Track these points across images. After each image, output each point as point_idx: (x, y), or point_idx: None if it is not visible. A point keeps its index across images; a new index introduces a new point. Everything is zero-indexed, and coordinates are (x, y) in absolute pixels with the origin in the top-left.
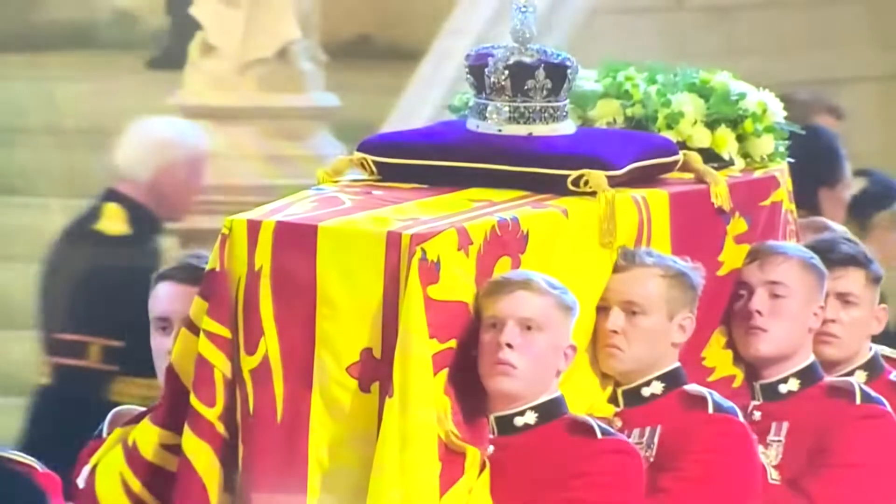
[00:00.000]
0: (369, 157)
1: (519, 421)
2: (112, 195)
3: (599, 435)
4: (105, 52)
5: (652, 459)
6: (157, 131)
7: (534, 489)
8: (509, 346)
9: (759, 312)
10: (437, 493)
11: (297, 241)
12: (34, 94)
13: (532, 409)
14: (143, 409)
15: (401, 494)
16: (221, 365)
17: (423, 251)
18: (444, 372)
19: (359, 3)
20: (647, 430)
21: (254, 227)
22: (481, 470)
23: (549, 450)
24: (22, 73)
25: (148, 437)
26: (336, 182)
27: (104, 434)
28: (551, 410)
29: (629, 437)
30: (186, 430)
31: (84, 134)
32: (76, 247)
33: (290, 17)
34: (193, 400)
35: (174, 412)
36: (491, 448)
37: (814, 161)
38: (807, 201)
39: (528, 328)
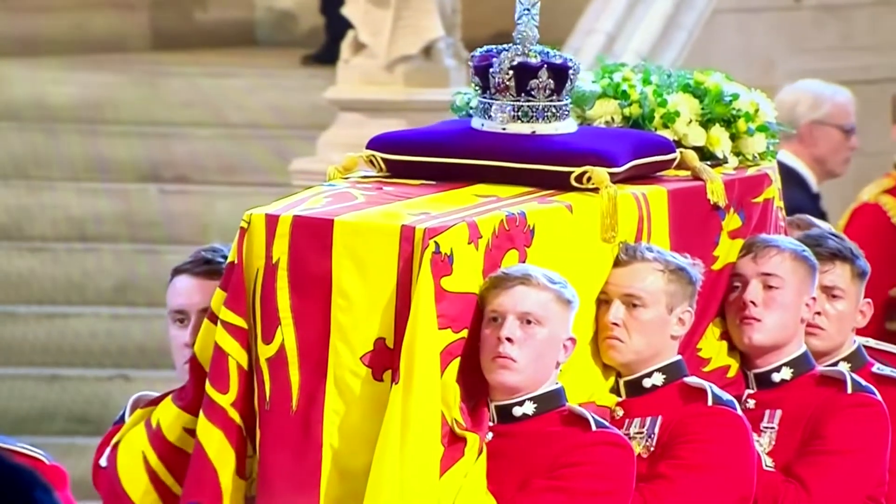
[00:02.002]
0: (378, 155)
1: (518, 411)
2: None
3: (594, 427)
4: (264, 49)
5: (652, 448)
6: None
7: (527, 476)
8: (509, 340)
9: (752, 303)
10: (437, 476)
11: (314, 234)
12: (199, 89)
13: (531, 399)
14: (162, 393)
15: (400, 477)
16: (236, 354)
17: (437, 244)
18: (457, 361)
19: (498, 3)
20: (648, 419)
21: (272, 221)
22: (479, 455)
23: (545, 439)
24: (188, 70)
25: (172, 419)
26: (346, 178)
27: (126, 418)
28: (550, 401)
29: (630, 426)
30: (201, 416)
31: (245, 127)
32: None
33: (435, 16)
34: (208, 387)
35: (199, 399)
36: (490, 435)
37: None
38: None
39: (528, 322)
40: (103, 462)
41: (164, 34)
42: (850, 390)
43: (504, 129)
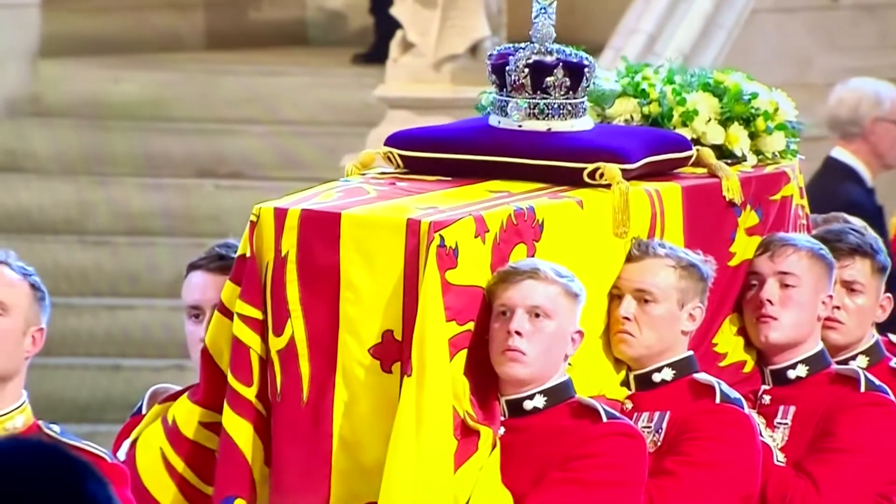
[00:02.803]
0: (395, 151)
1: (528, 404)
2: None
3: (605, 418)
4: (315, 48)
5: (659, 443)
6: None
7: (541, 469)
8: (518, 333)
9: (769, 301)
10: (451, 470)
11: (322, 228)
12: (252, 87)
13: (541, 392)
14: (180, 387)
15: (415, 471)
16: (256, 346)
17: (442, 237)
18: (463, 353)
19: None
20: (657, 414)
21: (280, 215)
22: (493, 449)
23: (556, 432)
24: (241, 69)
25: (187, 415)
26: (363, 174)
27: (143, 411)
28: (559, 394)
29: (639, 420)
30: (227, 409)
31: (297, 124)
32: None
33: (481, 16)
34: (232, 380)
35: (211, 392)
36: (502, 429)
37: None
38: None
39: (537, 315)
40: (121, 455)
41: (219, 34)
42: (863, 389)
43: (520, 126)
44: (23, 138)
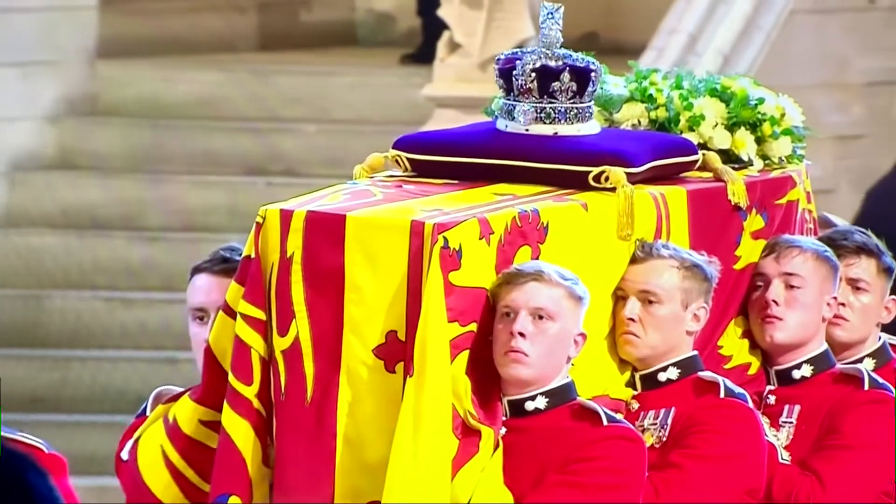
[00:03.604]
0: (403, 154)
1: (530, 405)
2: None
3: (605, 421)
4: (365, 49)
5: (664, 439)
6: None
7: (541, 471)
8: (521, 334)
9: (774, 302)
10: (449, 470)
11: (327, 229)
12: (304, 86)
13: (543, 394)
14: (183, 389)
15: (414, 470)
16: (258, 346)
17: (446, 239)
18: (466, 353)
19: (587, 4)
20: (662, 411)
21: (286, 217)
22: (494, 449)
23: (557, 433)
24: (293, 69)
25: (188, 413)
26: (371, 177)
27: (147, 412)
28: (561, 395)
29: (645, 418)
30: (226, 407)
31: (347, 122)
32: None
33: (526, 16)
34: (232, 379)
35: (212, 391)
36: (503, 430)
37: None
38: None
39: (540, 317)
40: (125, 455)
41: (271, 35)
42: (867, 387)
43: (527, 129)
44: (81, 137)
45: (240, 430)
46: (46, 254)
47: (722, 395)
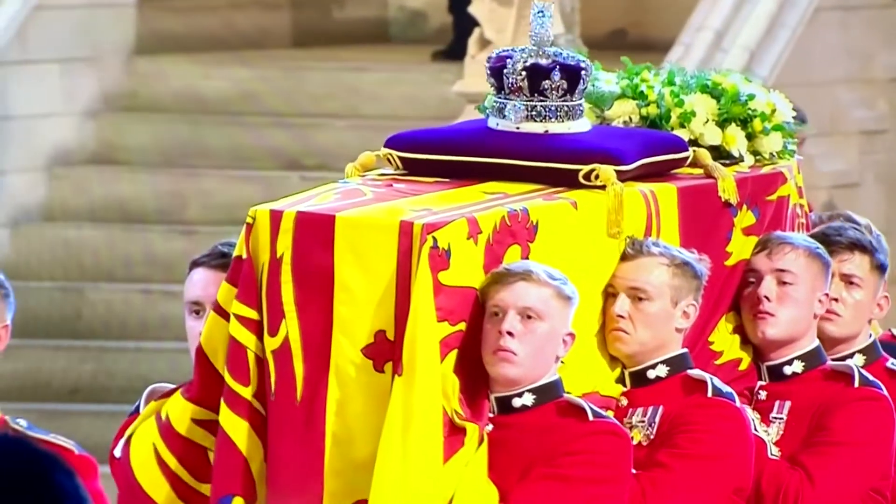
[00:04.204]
0: (395, 153)
1: (517, 402)
2: None
3: (591, 417)
4: (397, 45)
5: (652, 437)
6: None
7: (527, 465)
8: (510, 333)
9: (766, 298)
10: (439, 470)
11: (316, 230)
12: (337, 82)
13: (530, 391)
14: (175, 385)
15: (403, 469)
16: (253, 345)
17: (434, 239)
18: (454, 353)
19: (615, 1)
20: (650, 409)
21: (276, 217)
22: (479, 444)
23: (544, 430)
24: (326, 65)
25: (180, 411)
26: (362, 176)
27: (140, 409)
28: (548, 392)
29: (633, 415)
30: (224, 408)
31: (379, 118)
32: None
33: (555, 13)
34: (229, 380)
35: (205, 390)
36: (490, 426)
37: None
38: None
39: (528, 317)
40: (118, 453)
41: (305, 31)
42: (857, 384)
43: (518, 128)
44: (120, 132)
45: (240, 431)
46: (85, 247)
47: (709, 394)
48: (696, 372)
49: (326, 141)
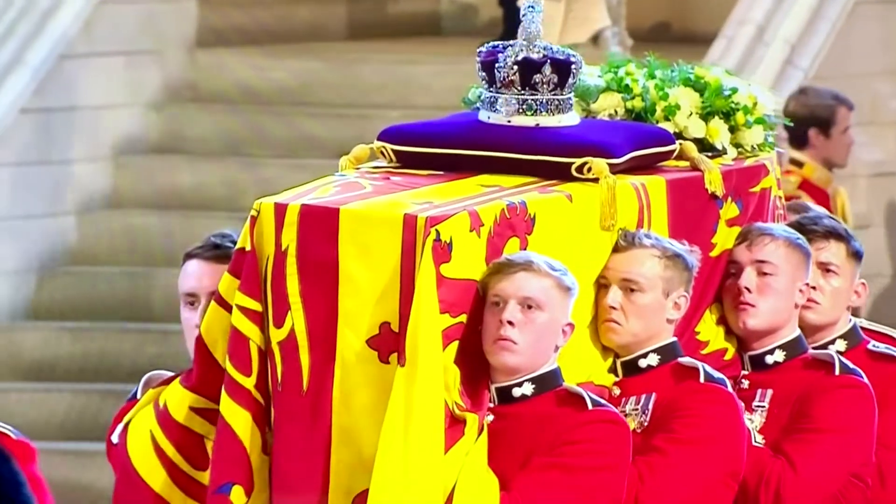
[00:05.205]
0: (388, 146)
1: (517, 391)
2: None
3: (590, 406)
4: (448, 38)
5: (646, 424)
6: None
7: (527, 454)
8: (510, 323)
9: (747, 289)
10: (441, 460)
11: (321, 223)
12: (390, 74)
13: (530, 380)
14: (174, 373)
15: (404, 460)
16: (255, 336)
17: (437, 232)
18: (455, 344)
19: None
20: (643, 397)
21: (280, 210)
22: (479, 434)
23: (543, 419)
24: (380, 57)
25: (178, 399)
26: (357, 169)
27: (138, 396)
28: (547, 382)
29: (626, 403)
30: (225, 397)
31: (431, 109)
32: None
33: (602, 7)
34: (231, 369)
35: (204, 379)
36: (491, 416)
37: None
38: None
39: (529, 307)
40: (115, 438)
41: (360, 24)
42: (837, 372)
43: (509, 121)
44: (181, 122)
45: (240, 420)
46: (149, 233)
47: (702, 380)
48: (686, 360)
49: (380, 130)
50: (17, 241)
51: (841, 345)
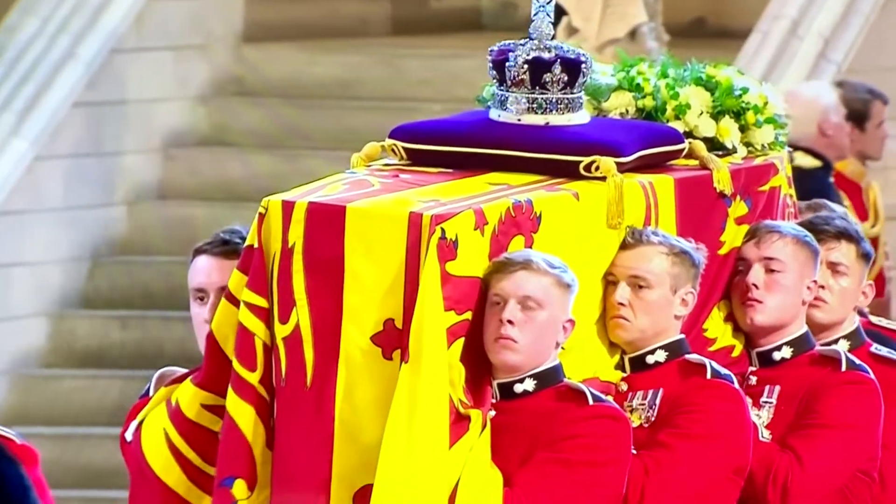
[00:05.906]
0: (399, 144)
1: (519, 388)
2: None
3: (591, 401)
4: (489, 33)
5: (653, 419)
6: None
7: (529, 450)
8: (510, 322)
9: (755, 286)
10: (446, 452)
11: (327, 220)
12: (433, 68)
13: (531, 376)
14: (186, 370)
15: (408, 456)
16: (261, 333)
17: (443, 230)
18: (461, 341)
19: None
20: (650, 392)
21: (288, 207)
22: (482, 430)
23: (545, 414)
24: (423, 52)
25: (190, 397)
26: (368, 166)
27: (150, 393)
28: (549, 378)
29: (633, 398)
30: (231, 392)
31: (471, 102)
32: None
33: (639, 3)
34: (236, 365)
35: (214, 376)
36: (493, 412)
37: None
38: None
39: (529, 305)
40: (128, 436)
41: (403, 20)
42: (844, 368)
43: (519, 119)
44: (228, 115)
45: (244, 415)
46: (197, 224)
47: (709, 376)
48: (694, 356)
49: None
50: (69, 231)
51: (844, 345)
